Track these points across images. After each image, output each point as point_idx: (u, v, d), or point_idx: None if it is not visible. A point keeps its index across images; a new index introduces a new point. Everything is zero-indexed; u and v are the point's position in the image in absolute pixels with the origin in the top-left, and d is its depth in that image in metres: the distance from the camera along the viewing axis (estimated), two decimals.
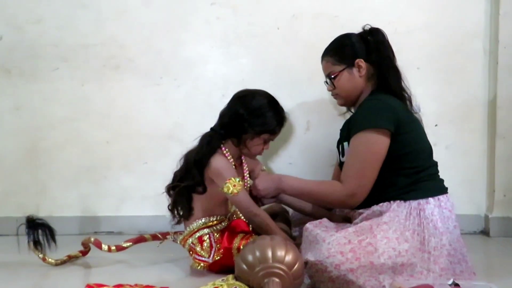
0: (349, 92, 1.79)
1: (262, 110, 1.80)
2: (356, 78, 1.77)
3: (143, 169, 2.33)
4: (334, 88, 1.81)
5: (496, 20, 2.18)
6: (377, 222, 1.58)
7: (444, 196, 1.66)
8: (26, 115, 2.34)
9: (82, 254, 1.98)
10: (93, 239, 1.90)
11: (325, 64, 1.83)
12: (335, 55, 1.79)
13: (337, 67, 1.78)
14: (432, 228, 1.58)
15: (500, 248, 2.10)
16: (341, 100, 1.85)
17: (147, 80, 2.30)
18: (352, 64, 1.76)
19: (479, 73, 2.25)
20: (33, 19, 2.30)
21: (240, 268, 1.47)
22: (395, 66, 1.77)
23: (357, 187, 1.64)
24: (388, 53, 1.76)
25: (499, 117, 2.21)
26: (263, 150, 1.87)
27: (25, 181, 2.32)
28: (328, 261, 1.48)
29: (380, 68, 1.75)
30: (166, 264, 1.90)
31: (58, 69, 2.31)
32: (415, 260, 1.52)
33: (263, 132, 1.81)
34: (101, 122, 2.33)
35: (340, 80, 1.78)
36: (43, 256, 1.89)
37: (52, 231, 1.89)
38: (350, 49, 1.77)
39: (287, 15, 2.26)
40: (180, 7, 2.27)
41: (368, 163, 1.64)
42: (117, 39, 2.29)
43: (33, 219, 1.89)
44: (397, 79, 1.75)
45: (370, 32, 1.78)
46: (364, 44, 1.77)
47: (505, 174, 2.22)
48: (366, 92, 1.78)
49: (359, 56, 1.75)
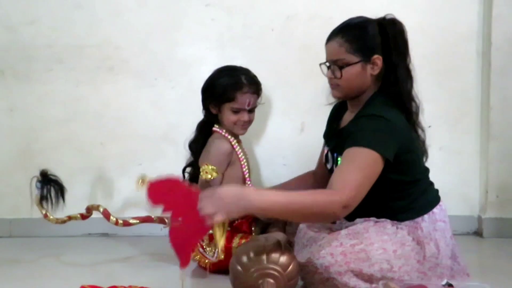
0: (354, 88, 1.58)
1: (213, 81, 1.91)
2: (367, 75, 1.56)
3: (138, 170, 2.32)
4: (338, 78, 1.57)
5: (489, 22, 2.19)
6: (377, 231, 1.54)
7: (437, 207, 1.60)
8: (20, 116, 2.33)
9: (82, 218, 1.96)
10: (102, 209, 1.91)
11: (336, 46, 1.56)
12: (352, 42, 1.54)
13: (351, 56, 1.54)
14: (433, 247, 1.53)
15: (493, 249, 2.11)
16: (339, 93, 1.62)
17: (141, 82, 2.30)
18: (369, 59, 1.54)
19: (473, 74, 2.26)
20: (27, 20, 2.29)
21: (234, 269, 1.47)
22: (409, 68, 1.58)
23: (353, 200, 1.41)
24: (405, 52, 1.57)
25: (492, 118, 2.22)
26: (238, 121, 1.90)
27: (18, 182, 2.31)
28: (318, 262, 1.47)
29: (393, 69, 1.55)
30: (161, 266, 1.91)
31: (52, 70, 2.30)
32: (408, 278, 1.48)
33: (221, 102, 1.88)
34: (96, 124, 2.32)
35: (349, 72, 1.54)
36: (46, 212, 1.88)
37: (62, 189, 1.89)
38: (370, 40, 1.55)
39: (282, 17, 2.26)
40: (174, 8, 2.27)
41: (367, 179, 1.45)
42: (112, 40, 2.29)
43: (47, 174, 1.88)
44: (410, 87, 1.57)
45: (393, 22, 1.57)
46: (381, 37, 1.55)
47: (498, 175, 2.23)
48: (369, 92, 1.59)
49: (377, 51, 1.54)
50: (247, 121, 1.91)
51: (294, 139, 2.29)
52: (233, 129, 1.92)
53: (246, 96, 1.89)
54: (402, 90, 1.55)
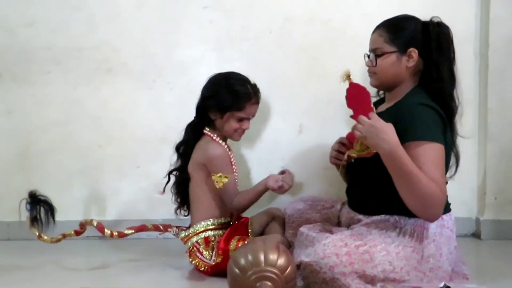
0: (389, 77, 1.65)
1: (216, 88, 1.87)
2: (402, 66, 1.63)
3: (136, 172, 2.33)
4: (374, 66, 1.66)
5: (486, 24, 2.20)
6: (380, 233, 1.56)
7: (447, 215, 1.61)
8: (18, 118, 2.33)
9: (76, 234, 1.95)
10: (95, 223, 1.89)
11: (377, 37, 1.66)
12: (391, 32, 1.63)
13: (388, 46, 1.63)
14: (433, 248, 1.54)
15: (491, 251, 2.11)
16: (375, 81, 1.70)
17: (140, 84, 2.30)
18: (405, 51, 1.61)
19: (470, 76, 2.26)
20: (25, 22, 2.29)
21: (232, 272, 1.47)
22: (453, 70, 1.63)
23: (445, 192, 1.52)
24: (449, 54, 1.63)
25: (490, 120, 2.22)
26: (239, 129, 1.90)
27: (17, 185, 2.31)
28: (323, 262, 1.48)
29: (435, 67, 1.61)
30: (159, 268, 1.90)
31: (50, 73, 2.30)
32: (408, 278, 1.51)
33: (227, 110, 1.85)
34: (94, 126, 2.32)
35: (384, 60, 1.63)
36: (39, 233, 1.88)
37: (52, 209, 1.88)
38: (409, 34, 1.63)
39: (280, 19, 2.26)
40: (173, 10, 2.27)
41: (443, 174, 1.54)
42: (110, 42, 2.29)
43: (36, 194, 1.87)
44: (451, 87, 1.62)
45: (437, 25, 1.64)
46: (424, 35, 1.62)
47: (496, 177, 2.23)
48: (408, 86, 1.65)
49: (414, 45, 1.61)
50: (247, 129, 1.91)
51: (293, 141, 2.29)
52: (232, 136, 1.92)
53: (254, 106, 1.91)
54: (443, 88, 1.60)
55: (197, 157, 1.89)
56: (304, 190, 2.26)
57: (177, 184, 1.95)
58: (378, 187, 1.60)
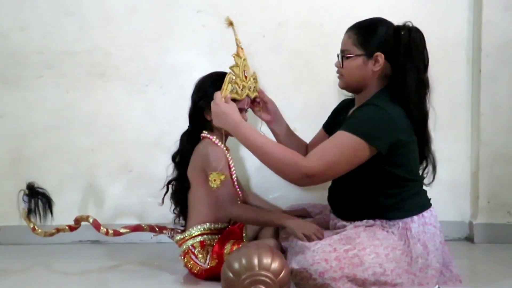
0: (354, 80, 1.65)
1: (204, 89, 1.85)
2: (368, 70, 1.62)
3: (129, 177, 2.32)
4: (341, 67, 1.66)
5: (478, 28, 2.21)
6: (368, 236, 1.56)
7: (428, 211, 1.63)
8: (10, 122, 2.31)
9: (70, 230, 1.94)
10: (91, 220, 1.88)
11: (346, 38, 1.66)
12: (360, 35, 1.63)
13: (355, 49, 1.62)
14: (420, 248, 1.55)
15: (484, 254, 2.12)
16: (342, 83, 1.70)
17: (132, 88, 2.29)
18: (371, 55, 1.61)
19: (463, 81, 2.27)
20: (18, 27, 2.28)
21: (226, 276, 1.47)
22: (422, 79, 1.60)
23: (320, 174, 1.52)
24: (417, 62, 1.60)
25: (483, 124, 2.23)
26: None
27: (8, 189, 2.29)
28: (313, 269, 1.48)
29: (402, 72, 1.59)
30: (153, 273, 1.90)
31: (42, 77, 2.29)
32: (400, 281, 1.52)
33: None
34: (86, 130, 2.31)
35: (351, 63, 1.63)
36: (33, 226, 1.86)
37: (50, 202, 1.87)
38: (378, 38, 1.61)
39: (273, 23, 2.26)
40: (166, 15, 2.27)
41: (345, 162, 1.53)
42: (103, 46, 2.28)
43: (34, 186, 1.86)
44: (418, 93, 1.59)
45: (409, 30, 1.61)
46: (395, 40, 1.61)
47: (489, 181, 2.24)
48: (373, 88, 1.64)
49: (382, 50, 1.60)
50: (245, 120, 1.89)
51: None
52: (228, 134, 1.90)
53: None
54: (409, 93, 1.58)
55: (196, 160, 1.86)
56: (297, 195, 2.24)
57: (176, 194, 1.92)
58: (357, 193, 1.63)
